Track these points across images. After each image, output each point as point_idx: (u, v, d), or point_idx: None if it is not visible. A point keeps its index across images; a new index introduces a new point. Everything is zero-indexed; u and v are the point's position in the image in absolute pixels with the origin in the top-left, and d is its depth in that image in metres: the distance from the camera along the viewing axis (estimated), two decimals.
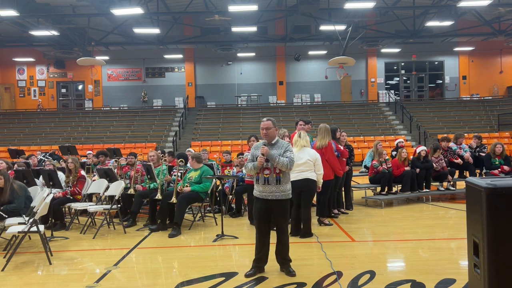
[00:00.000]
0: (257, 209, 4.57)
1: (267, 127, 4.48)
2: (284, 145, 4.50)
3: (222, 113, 23.51)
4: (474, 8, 18.01)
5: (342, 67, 20.15)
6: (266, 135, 4.50)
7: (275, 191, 4.42)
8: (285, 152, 4.43)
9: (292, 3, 18.09)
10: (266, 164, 4.42)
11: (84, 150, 17.08)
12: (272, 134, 4.51)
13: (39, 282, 4.62)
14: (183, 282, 4.37)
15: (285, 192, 4.46)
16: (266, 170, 4.43)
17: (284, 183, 4.46)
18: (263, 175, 4.44)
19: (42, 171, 7.53)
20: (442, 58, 25.09)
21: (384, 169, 9.00)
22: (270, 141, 4.53)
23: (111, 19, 18.23)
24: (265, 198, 4.47)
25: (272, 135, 4.51)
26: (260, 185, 4.49)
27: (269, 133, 4.49)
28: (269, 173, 4.42)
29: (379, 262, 4.97)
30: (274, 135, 4.54)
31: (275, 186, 4.42)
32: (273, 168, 4.41)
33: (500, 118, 21.07)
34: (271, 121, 4.53)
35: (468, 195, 3.10)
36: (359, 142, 19.10)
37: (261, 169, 4.45)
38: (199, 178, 6.96)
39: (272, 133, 4.51)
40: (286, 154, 4.41)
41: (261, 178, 4.47)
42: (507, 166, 8.97)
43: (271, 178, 4.42)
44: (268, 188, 4.44)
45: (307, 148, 6.12)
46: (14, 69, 25.07)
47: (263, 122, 4.52)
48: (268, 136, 4.50)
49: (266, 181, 4.43)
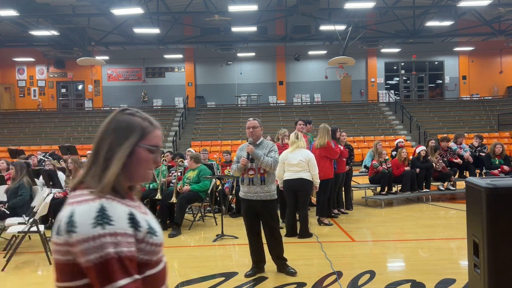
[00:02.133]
0: (244, 210, 4.63)
1: (254, 125, 4.56)
2: (268, 145, 4.57)
3: (222, 113, 23.51)
4: (474, 8, 18.00)
5: (342, 67, 20.14)
6: (252, 133, 4.56)
7: (260, 191, 4.47)
8: (270, 152, 4.49)
9: (292, 3, 18.08)
10: (251, 165, 4.48)
11: (84, 150, 17.07)
12: (257, 133, 4.59)
13: (39, 282, 4.62)
14: (183, 282, 4.37)
15: (270, 193, 4.50)
16: (251, 170, 4.50)
17: (268, 184, 4.50)
18: (248, 176, 4.51)
19: (42, 171, 7.54)
20: (442, 58, 25.07)
21: (384, 169, 9.00)
22: (256, 141, 4.58)
23: (111, 19, 18.22)
24: (250, 199, 4.51)
25: (257, 134, 4.59)
26: (245, 186, 4.56)
27: (255, 132, 4.56)
28: (254, 174, 4.48)
29: (379, 262, 4.97)
30: (259, 134, 4.62)
31: (260, 186, 4.47)
32: (258, 168, 4.47)
33: (500, 118, 21.06)
34: (257, 121, 4.64)
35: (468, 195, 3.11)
36: (359, 142, 19.09)
37: (245, 170, 4.50)
38: (197, 177, 7.00)
39: (258, 133, 4.59)
40: (270, 154, 4.47)
41: (246, 178, 4.53)
42: (507, 166, 8.97)
43: (256, 179, 4.48)
44: (252, 189, 4.49)
45: (300, 149, 6.13)
46: (14, 69, 25.06)
47: (250, 121, 4.60)
48: (254, 135, 4.56)
49: (251, 182, 4.49)
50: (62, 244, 1.19)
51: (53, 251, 1.24)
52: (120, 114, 1.35)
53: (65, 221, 1.20)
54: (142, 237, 1.23)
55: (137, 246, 1.22)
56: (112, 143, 1.28)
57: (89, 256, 1.14)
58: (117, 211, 1.20)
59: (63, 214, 1.22)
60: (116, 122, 1.32)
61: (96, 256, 1.14)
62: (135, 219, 1.23)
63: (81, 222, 1.17)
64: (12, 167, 6.34)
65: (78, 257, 1.17)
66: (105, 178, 1.24)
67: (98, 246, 1.14)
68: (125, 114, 1.35)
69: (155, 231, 1.28)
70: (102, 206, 1.19)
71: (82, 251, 1.15)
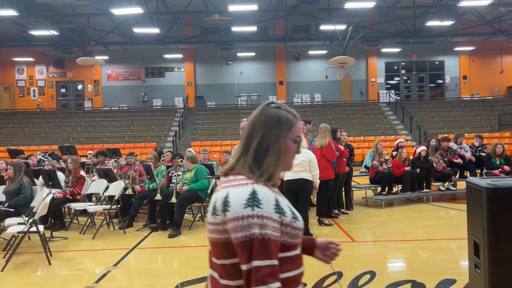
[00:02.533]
0: None
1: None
2: None
3: (222, 113, 23.49)
4: (475, 8, 17.99)
5: (342, 67, 20.14)
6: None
7: None
8: None
9: (292, 2, 18.06)
10: None
11: (84, 150, 17.07)
12: None
13: (38, 282, 4.61)
14: (183, 283, 4.36)
15: None
16: None
17: None
18: None
19: (42, 171, 7.53)
20: (442, 58, 25.05)
21: (384, 169, 8.98)
22: None
23: (111, 19, 18.20)
24: None
25: None
26: None
27: None
28: None
29: (380, 263, 4.96)
30: None
31: None
32: None
33: (500, 118, 21.05)
34: None
35: (469, 195, 3.09)
36: (359, 142, 19.08)
37: None
38: (195, 177, 6.99)
39: None
40: None
41: None
42: (507, 166, 8.95)
43: None
44: None
45: (303, 149, 6.12)
46: (13, 69, 25.04)
47: (243, 122, 4.41)
48: None
49: None
50: (219, 223, 1.32)
51: (209, 231, 1.36)
52: (268, 108, 1.47)
53: (220, 202, 1.32)
54: (289, 222, 1.34)
55: (284, 230, 1.33)
56: (265, 135, 1.40)
57: (238, 233, 1.26)
58: (266, 196, 1.32)
59: (219, 196, 1.35)
60: (266, 115, 1.44)
61: (242, 234, 1.26)
62: (280, 206, 1.34)
63: (234, 203, 1.30)
64: (10, 167, 6.30)
65: (230, 234, 1.29)
66: (261, 166, 1.37)
67: (246, 225, 1.26)
68: (272, 108, 1.47)
69: (297, 216, 1.39)
70: (254, 190, 1.31)
71: (232, 228, 1.28)
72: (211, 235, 1.36)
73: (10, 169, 6.27)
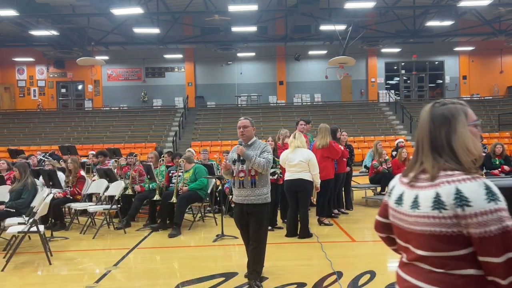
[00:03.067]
0: (235, 215, 4.41)
1: (244, 125, 4.27)
2: (261, 145, 4.29)
3: (222, 113, 23.49)
4: (475, 8, 17.99)
5: (342, 67, 20.14)
6: (243, 134, 4.27)
7: (250, 195, 4.17)
8: (262, 153, 4.20)
9: (292, 3, 18.07)
10: (242, 167, 4.19)
11: (84, 150, 17.08)
12: (249, 133, 4.29)
13: (39, 282, 4.61)
14: (183, 282, 4.36)
15: (261, 196, 4.19)
16: (241, 172, 4.19)
17: (260, 187, 4.19)
18: (238, 178, 4.21)
19: (42, 171, 7.54)
20: (442, 58, 25.06)
21: (384, 169, 8.99)
22: (247, 141, 4.31)
23: (111, 19, 18.20)
24: (241, 203, 4.24)
25: (249, 134, 4.29)
26: (236, 189, 4.26)
27: (246, 132, 4.27)
28: (244, 176, 4.18)
29: (380, 262, 4.96)
30: (251, 134, 4.31)
31: (250, 189, 4.17)
32: (248, 170, 4.17)
33: (500, 118, 21.06)
34: (249, 120, 4.32)
35: None
36: (359, 142, 19.09)
37: (236, 172, 4.22)
38: (193, 176, 7.00)
39: (249, 133, 4.29)
40: (263, 155, 4.18)
41: (236, 181, 4.23)
42: (507, 166, 8.96)
43: (246, 181, 4.17)
44: (243, 192, 4.20)
45: (301, 149, 6.10)
46: (13, 69, 25.05)
47: (241, 121, 4.33)
48: (245, 136, 4.28)
49: (241, 184, 4.19)
50: (447, 217, 1.38)
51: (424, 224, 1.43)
52: (435, 109, 1.56)
53: (453, 198, 1.38)
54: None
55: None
56: (448, 131, 1.49)
57: (489, 227, 1.33)
58: (496, 188, 1.39)
59: (445, 191, 1.40)
60: (439, 115, 1.52)
61: (495, 227, 1.32)
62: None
63: (474, 198, 1.36)
64: (15, 168, 6.30)
65: (469, 228, 1.35)
66: (462, 160, 1.45)
67: (497, 219, 1.33)
68: (440, 106, 1.55)
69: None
70: (486, 184, 1.38)
71: (480, 223, 1.34)
72: (427, 228, 1.42)
73: (15, 171, 6.28)
